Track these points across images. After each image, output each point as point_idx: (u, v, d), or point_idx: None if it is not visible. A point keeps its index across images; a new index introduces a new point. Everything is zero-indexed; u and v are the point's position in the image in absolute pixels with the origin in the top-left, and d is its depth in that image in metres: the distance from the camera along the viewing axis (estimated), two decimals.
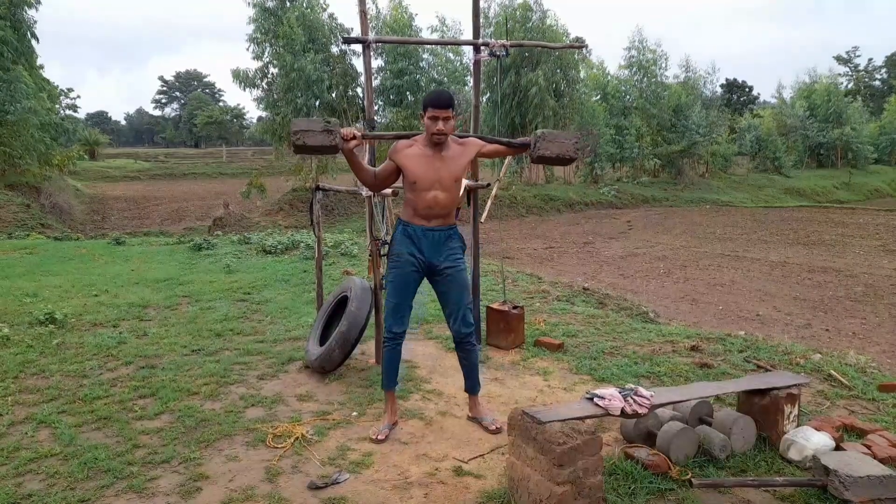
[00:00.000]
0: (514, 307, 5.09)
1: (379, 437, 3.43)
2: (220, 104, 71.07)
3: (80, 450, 3.30)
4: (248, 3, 21.57)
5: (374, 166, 4.76)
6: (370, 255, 4.74)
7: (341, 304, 4.75)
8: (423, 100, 3.30)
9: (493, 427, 3.51)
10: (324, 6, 22.23)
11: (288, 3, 21.66)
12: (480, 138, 3.51)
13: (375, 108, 16.12)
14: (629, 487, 2.82)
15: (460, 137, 3.45)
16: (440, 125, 3.21)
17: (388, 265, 3.56)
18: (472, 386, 3.68)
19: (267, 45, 21.79)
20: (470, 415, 3.70)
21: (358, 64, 22.18)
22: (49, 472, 3.08)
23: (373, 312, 4.59)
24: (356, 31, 6.00)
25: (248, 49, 22.05)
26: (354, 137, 3.17)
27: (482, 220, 4.92)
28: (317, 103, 21.92)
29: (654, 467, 2.92)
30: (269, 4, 21.62)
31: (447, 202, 3.37)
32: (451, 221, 3.49)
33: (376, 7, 22.62)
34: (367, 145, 4.66)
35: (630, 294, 8.58)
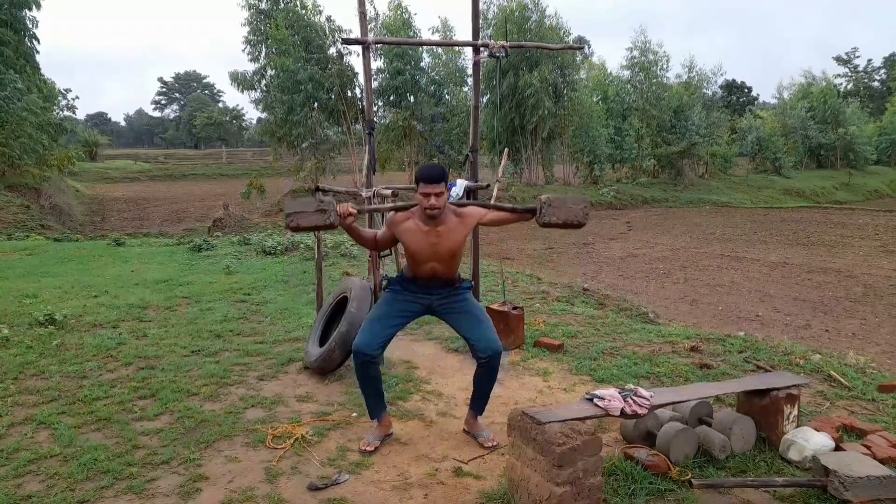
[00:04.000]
0: (514, 308, 5.09)
1: (368, 449, 3.31)
2: (220, 105, 71.09)
3: (80, 451, 3.30)
4: (242, 6, 21.60)
5: (374, 165, 4.79)
6: (370, 256, 4.74)
7: (341, 304, 4.75)
8: (416, 174, 3.29)
9: (489, 444, 3.38)
10: (318, 10, 22.25)
11: (282, 6, 21.65)
12: (481, 206, 3.47)
13: (375, 108, 16.11)
14: (629, 488, 2.82)
15: (459, 206, 3.38)
16: (432, 200, 3.18)
17: (384, 293, 3.52)
18: (480, 407, 3.53)
19: (262, 46, 21.80)
20: (466, 429, 3.56)
21: (356, 64, 22.22)
22: (49, 473, 3.08)
23: None
24: (353, 33, 6.00)
25: (244, 51, 22.12)
26: (351, 214, 3.16)
27: None
28: (314, 104, 21.93)
29: (654, 468, 2.92)
30: (263, 7, 21.62)
31: (445, 272, 3.37)
32: (454, 280, 3.44)
33: (374, 9, 22.66)
34: (367, 145, 4.65)
35: (630, 295, 8.58)
